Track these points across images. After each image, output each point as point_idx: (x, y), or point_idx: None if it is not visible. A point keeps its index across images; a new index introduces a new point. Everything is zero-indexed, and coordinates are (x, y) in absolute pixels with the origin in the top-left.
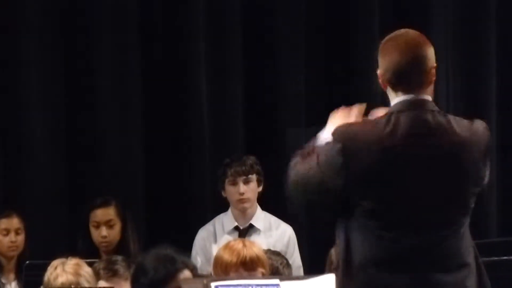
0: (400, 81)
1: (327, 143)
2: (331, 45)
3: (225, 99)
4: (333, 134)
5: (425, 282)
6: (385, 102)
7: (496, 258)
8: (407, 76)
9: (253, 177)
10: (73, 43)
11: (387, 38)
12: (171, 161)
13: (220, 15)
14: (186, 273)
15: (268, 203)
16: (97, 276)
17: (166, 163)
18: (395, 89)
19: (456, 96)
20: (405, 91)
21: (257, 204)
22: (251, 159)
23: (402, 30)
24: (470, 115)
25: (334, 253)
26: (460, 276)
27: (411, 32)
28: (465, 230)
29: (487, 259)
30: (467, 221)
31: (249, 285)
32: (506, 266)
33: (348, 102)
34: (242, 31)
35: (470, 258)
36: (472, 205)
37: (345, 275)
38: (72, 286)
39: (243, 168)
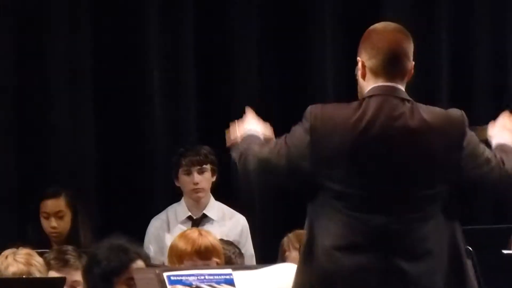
0: (384, 69)
1: (298, 123)
2: (284, 37)
3: (179, 90)
4: (305, 113)
5: (387, 266)
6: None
7: None
8: (392, 64)
9: (208, 167)
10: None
11: (373, 27)
12: (124, 151)
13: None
14: (139, 263)
15: (222, 193)
16: (48, 266)
17: (119, 152)
18: (377, 76)
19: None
20: (386, 80)
21: (210, 194)
22: (205, 149)
23: (389, 22)
24: None
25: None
26: (423, 266)
27: (398, 26)
28: (437, 221)
29: None
30: (435, 212)
31: (201, 274)
32: None
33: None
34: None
35: (441, 250)
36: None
37: (305, 262)
38: (24, 276)
39: (198, 157)
